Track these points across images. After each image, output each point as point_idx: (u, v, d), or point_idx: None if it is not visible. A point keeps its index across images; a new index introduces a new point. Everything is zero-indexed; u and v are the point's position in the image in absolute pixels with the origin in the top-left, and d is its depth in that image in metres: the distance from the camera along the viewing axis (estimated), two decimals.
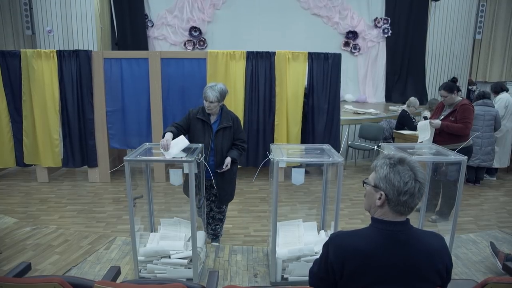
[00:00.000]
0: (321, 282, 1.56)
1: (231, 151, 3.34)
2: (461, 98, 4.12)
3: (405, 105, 6.37)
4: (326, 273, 1.50)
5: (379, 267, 1.41)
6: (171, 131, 3.13)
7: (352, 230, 1.53)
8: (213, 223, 3.61)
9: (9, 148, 5.36)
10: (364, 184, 1.55)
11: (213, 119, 3.33)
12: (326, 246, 1.52)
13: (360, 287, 1.44)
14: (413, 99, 6.24)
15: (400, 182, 1.41)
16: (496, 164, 5.75)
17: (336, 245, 1.48)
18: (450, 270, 1.52)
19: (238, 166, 5.39)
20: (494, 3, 9.73)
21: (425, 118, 4.40)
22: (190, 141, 3.30)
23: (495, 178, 5.86)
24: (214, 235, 3.65)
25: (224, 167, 3.27)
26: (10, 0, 8.33)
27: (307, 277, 1.68)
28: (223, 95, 3.24)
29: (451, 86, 4.03)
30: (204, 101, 3.24)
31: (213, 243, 3.64)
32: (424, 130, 4.12)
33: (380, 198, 1.45)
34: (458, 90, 4.10)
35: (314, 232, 3.37)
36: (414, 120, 6.00)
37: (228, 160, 3.28)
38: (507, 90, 5.80)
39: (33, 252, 3.46)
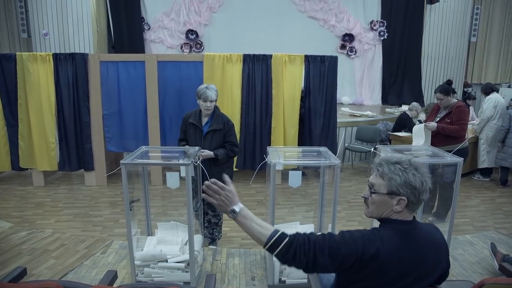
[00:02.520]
0: (335, 260, 1.42)
1: (218, 149, 3.32)
2: (456, 100, 4.14)
3: (407, 108, 6.45)
4: (350, 257, 1.41)
5: (397, 266, 1.44)
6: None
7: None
8: (209, 227, 3.61)
9: (4, 151, 5.33)
10: (372, 195, 1.53)
11: (204, 121, 3.36)
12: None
13: (377, 285, 1.45)
14: (415, 104, 6.40)
15: (419, 183, 1.46)
16: (489, 164, 5.78)
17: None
18: (449, 261, 1.59)
19: (235, 169, 5.42)
20: (488, 6, 9.81)
21: (419, 121, 4.41)
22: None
23: (488, 179, 5.89)
24: (211, 238, 3.64)
25: (200, 155, 3.18)
26: (6, 3, 8.31)
27: (305, 280, 1.67)
28: (217, 94, 3.32)
29: (446, 88, 4.05)
30: (202, 102, 3.27)
31: (210, 246, 3.63)
32: (419, 135, 4.12)
33: (398, 204, 1.48)
34: (454, 92, 4.13)
35: None
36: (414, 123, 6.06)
37: (208, 152, 3.24)
38: (497, 91, 5.84)
39: (29, 257, 3.43)
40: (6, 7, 8.34)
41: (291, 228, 3.38)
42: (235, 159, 5.33)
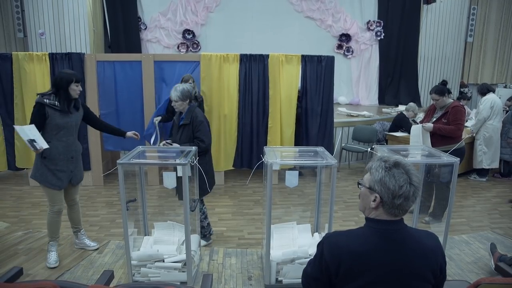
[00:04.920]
0: (315, 283, 1.55)
1: (186, 143, 3.40)
2: (452, 100, 4.15)
3: (404, 108, 6.46)
4: (321, 273, 1.50)
5: (375, 266, 1.42)
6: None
7: (346, 230, 1.54)
8: None
9: (0, 151, 5.30)
10: (359, 185, 1.56)
11: (181, 117, 3.52)
12: (320, 245, 1.52)
13: (356, 286, 1.44)
14: (412, 104, 6.39)
15: (395, 185, 1.42)
16: (486, 165, 5.80)
17: (331, 244, 1.48)
18: (444, 268, 1.55)
19: (232, 168, 5.42)
20: (485, 6, 9.85)
21: (415, 122, 4.40)
22: None
23: (485, 180, 5.91)
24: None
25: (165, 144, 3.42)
26: (2, 3, 8.26)
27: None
28: (184, 94, 3.42)
29: (441, 89, 4.06)
30: None
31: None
32: (417, 136, 4.12)
33: (374, 200, 1.46)
34: (449, 92, 4.14)
35: (308, 235, 3.38)
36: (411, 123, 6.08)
37: (169, 142, 3.43)
38: (493, 91, 5.88)
39: (25, 257, 3.42)
40: (2, 6, 8.29)
41: (288, 228, 3.39)
42: (229, 159, 5.35)
